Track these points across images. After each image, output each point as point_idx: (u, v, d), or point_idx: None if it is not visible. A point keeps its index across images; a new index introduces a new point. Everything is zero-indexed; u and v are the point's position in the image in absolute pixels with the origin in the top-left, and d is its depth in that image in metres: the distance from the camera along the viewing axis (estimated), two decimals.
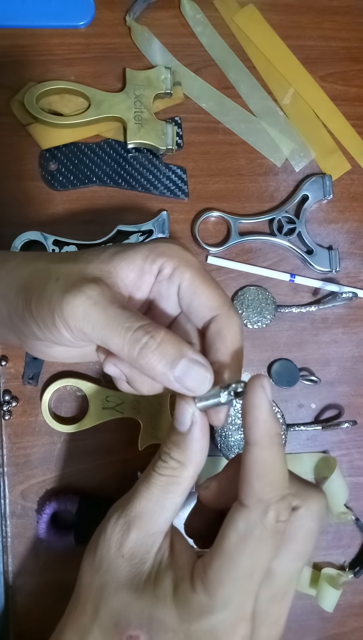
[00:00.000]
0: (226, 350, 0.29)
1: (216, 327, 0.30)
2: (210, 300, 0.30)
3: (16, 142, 0.50)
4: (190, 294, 0.30)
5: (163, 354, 0.26)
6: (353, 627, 0.50)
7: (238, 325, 0.30)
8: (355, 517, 0.49)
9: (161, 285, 0.30)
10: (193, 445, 0.28)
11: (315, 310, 0.50)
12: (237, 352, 0.30)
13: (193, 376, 0.26)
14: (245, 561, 0.26)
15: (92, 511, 0.46)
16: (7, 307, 0.31)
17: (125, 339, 0.26)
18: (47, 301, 0.28)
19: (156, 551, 0.28)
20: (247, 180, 0.52)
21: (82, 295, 0.27)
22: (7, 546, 0.47)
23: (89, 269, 0.29)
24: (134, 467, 0.48)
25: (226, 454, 0.48)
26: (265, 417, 0.27)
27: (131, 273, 0.29)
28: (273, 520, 0.26)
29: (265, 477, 0.27)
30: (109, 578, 0.28)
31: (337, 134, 0.54)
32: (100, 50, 0.52)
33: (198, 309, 0.30)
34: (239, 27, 0.53)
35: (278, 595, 0.28)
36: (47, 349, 0.32)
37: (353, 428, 0.49)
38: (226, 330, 0.29)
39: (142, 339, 0.26)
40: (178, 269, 0.29)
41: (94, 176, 0.50)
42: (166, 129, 0.50)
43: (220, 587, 0.26)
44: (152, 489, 0.28)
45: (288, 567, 0.28)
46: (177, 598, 0.27)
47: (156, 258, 0.29)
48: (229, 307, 0.30)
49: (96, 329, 0.27)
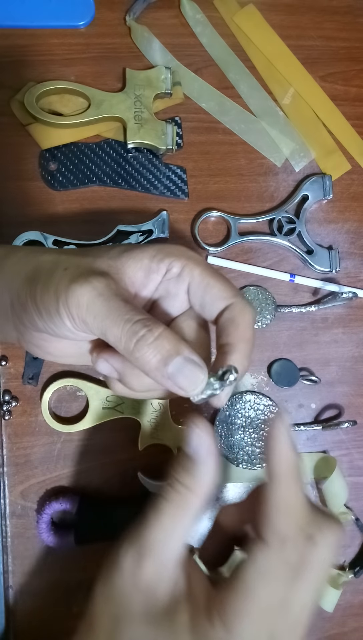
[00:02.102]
0: (237, 334, 0.29)
1: (229, 315, 0.30)
2: (223, 291, 0.30)
3: (16, 142, 0.50)
4: (202, 288, 0.30)
5: (158, 348, 0.26)
6: (353, 627, 0.50)
7: (251, 314, 0.30)
8: (355, 517, 0.49)
9: (169, 284, 0.31)
10: (205, 472, 0.28)
11: (315, 310, 0.50)
12: (248, 338, 0.30)
13: (186, 374, 0.26)
14: (264, 596, 0.26)
15: (92, 511, 0.46)
16: (11, 297, 0.31)
17: (123, 331, 0.26)
18: (53, 289, 0.28)
19: (171, 581, 0.28)
20: (247, 180, 0.52)
21: (88, 285, 0.27)
22: (7, 546, 0.47)
23: (97, 263, 0.29)
24: (134, 467, 0.48)
25: (226, 454, 0.48)
26: (288, 452, 0.27)
27: (138, 271, 0.30)
28: (293, 557, 0.26)
29: (286, 514, 0.27)
30: (124, 609, 0.28)
31: (337, 134, 0.54)
32: (100, 50, 0.52)
33: (211, 301, 0.30)
34: (239, 27, 0.53)
35: (294, 626, 0.28)
36: (45, 342, 0.32)
37: (353, 428, 0.49)
38: (239, 317, 0.30)
39: (140, 332, 0.26)
40: (186, 267, 0.30)
41: (94, 176, 0.50)
42: (166, 129, 0.50)
43: (238, 622, 0.26)
44: (162, 518, 0.28)
45: (304, 598, 0.28)
46: (194, 631, 0.26)
47: (163, 258, 0.30)
48: (242, 297, 0.30)
49: (97, 319, 0.27)
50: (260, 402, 0.49)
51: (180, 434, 0.48)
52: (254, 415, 0.49)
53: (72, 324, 0.28)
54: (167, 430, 0.48)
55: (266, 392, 0.50)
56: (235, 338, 0.29)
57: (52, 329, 0.29)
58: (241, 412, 0.49)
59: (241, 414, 0.49)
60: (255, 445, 0.49)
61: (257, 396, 0.49)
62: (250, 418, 0.49)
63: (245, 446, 0.49)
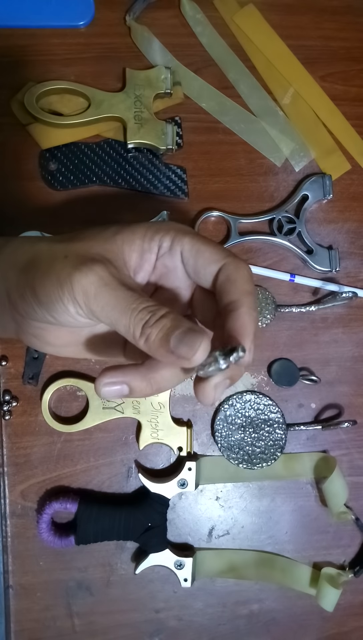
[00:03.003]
0: (237, 290, 0.29)
1: (224, 275, 0.30)
2: (214, 254, 0.30)
3: (16, 142, 0.50)
4: (193, 255, 0.30)
5: (159, 326, 0.27)
6: (353, 627, 0.50)
7: (247, 269, 0.30)
8: (355, 516, 0.49)
9: (164, 259, 0.31)
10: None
11: (315, 310, 0.50)
12: (249, 290, 0.30)
13: (186, 342, 0.26)
14: None
15: (92, 511, 0.46)
16: (7, 286, 0.31)
17: (131, 319, 0.27)
18: (55, 277, 0.28)
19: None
20: (247, 180, 0.52)
21: (94, 275, 0.28)
22: (7, 546, 0.47)
23: (95, 248, 0.30)
24: (134, 467, 0.48)
25: (226, 454, 0.48)
26: None
27: (133, 254, 0.31)
28: None
29: None
30: None
31: (337, 134, 0.54)
32: (100, 50, 0.52)
33: (204, 265, 0.30)
34: (239, 27, 0.53)
35: None
36: (43, 331, 0.32)
37: (353, 428, 0.49)
38: (234, 273, 0.30)
39: (145, 317, 0.27)
40: (176, 238, 0.30)
41: (94, 176, 0.50)
42: (166, 129, 0.50)
43: None
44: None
45: None
46: None
47: (153, 235, 0.30)
48: (234, 256, 0.30)
49: (105, 309, 0.28)
50: (260, 402, 0.49)
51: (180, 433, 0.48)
52: (254, 415, 0.49)
53: (76, 311, 0.28)
54: (167, 430, 0.48)
55: (266, 392, 0.50)
56: (236, 294, 0.29)
57: (52, 316, 0.29)
58: (241, 412, 0.49)
59: (241, 414, 0.49)
60: (255, 445, 0.49)
61: (257, 396, 0.49)
62: (250, 418, 0.49)
63: (245, 446, 0.49)
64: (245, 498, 0.50)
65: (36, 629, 0.48)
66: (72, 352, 0.34)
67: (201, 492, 0.49)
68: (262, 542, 0.50)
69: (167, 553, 0.47)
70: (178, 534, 0.49)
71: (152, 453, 0.49)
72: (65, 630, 0.48)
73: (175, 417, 0.49)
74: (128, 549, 0.48)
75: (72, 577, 0.48)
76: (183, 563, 0.47)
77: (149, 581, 0.49)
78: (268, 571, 0.49)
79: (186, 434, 0.48)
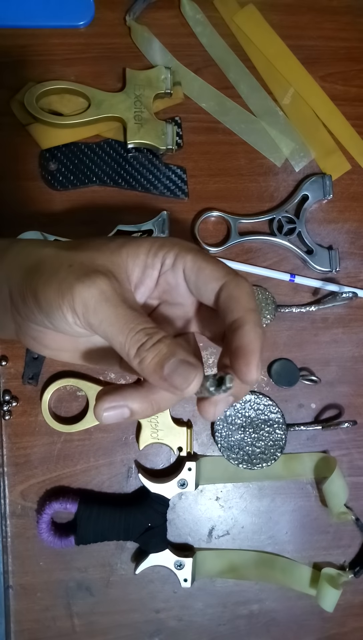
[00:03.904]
0: (240, 307, 0.29)
1: (226, 293, 0.30)
2: (215, 271, 0.30)
3: (16, 142, 0.50)
4: (195, 272, 0.30)
5: (155, 351, 0.27)
6: (353, 627, 0.50)
7: (248, 286, 0.30)
8: (355, 517, 0.49)
9: (167, 276, 0.31)
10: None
11: (315, 310, 0.50)
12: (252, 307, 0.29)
13: (180, 373, 0.26)
14: None
15: (92, 511, 0.46)
16: (10, 287, 0.31)
17: (127, 339, 0.27)
18: (57, 285, 0.28)
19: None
20: (247, 180, 0.52)
21: (95, 288, 0.28)
22: (7, 546, 0.47)
23: (100, 259, 0.30)
24: (134, 467, 0.48)
25: (226, 454, 0.48)
26: None
27: (136, 268, 0.30)
28: None
29: None
30: None
31: (337, 134, 0.54)
32: (100, 50, 0.52)
33: (205, 283, 0.30)
34: (239, 27, 0.53)
35: None
36: (41, 334, 0.32)
37: (353, 428, 0.49)
38: (236, 290, 0.29)
39: (142, 340, 0.27)
40: (179, 255, 0.30)
41: (94, 176, 0.50)
42: (166, 129, 0.50)
43: None
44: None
45: None
46: None
47: (157, 251, 0.30)
48: (236, 274, 0.30)
49: (103, 324, 0.28)
50: (260, 402, 0.49)
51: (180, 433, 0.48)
52: (254, 415, 0.49)
53: (74, 321, 0.28)
54: (167, 430, 0.48)
55: (266, 392, 0.50)
56: (239, 311, 0.29)
57: (50, 322, 0.29)
58: (241, 412, 0.49)
59: (241, 414, 0.49)
60: (255, 445, 0.49)
61: (257, 396, 0.49)
62: (250, 418, 0.49)
63: (245, 446, 0.49)
64: (245, 498, 0.50)
65: (36, 629, 0.48)
66: (69, 357, 0.34)
67: (201, 493, 0.49)
68: (262, 542, 0.50)
69: (167, 553, 0.47)
70: (178, 534, 0.49)
71: (152, 453, 0.49)
72: (65, 630, 0.48)
73: (175, 417, 0.49)
74: (128, 549, 0.48)
75: (72, 578, 0.48)
76: (183, 563, 0.47)
77: (149, 581, 0.49)
78: (268, 571, 0.49)
79: (186, 434, 0.48)
